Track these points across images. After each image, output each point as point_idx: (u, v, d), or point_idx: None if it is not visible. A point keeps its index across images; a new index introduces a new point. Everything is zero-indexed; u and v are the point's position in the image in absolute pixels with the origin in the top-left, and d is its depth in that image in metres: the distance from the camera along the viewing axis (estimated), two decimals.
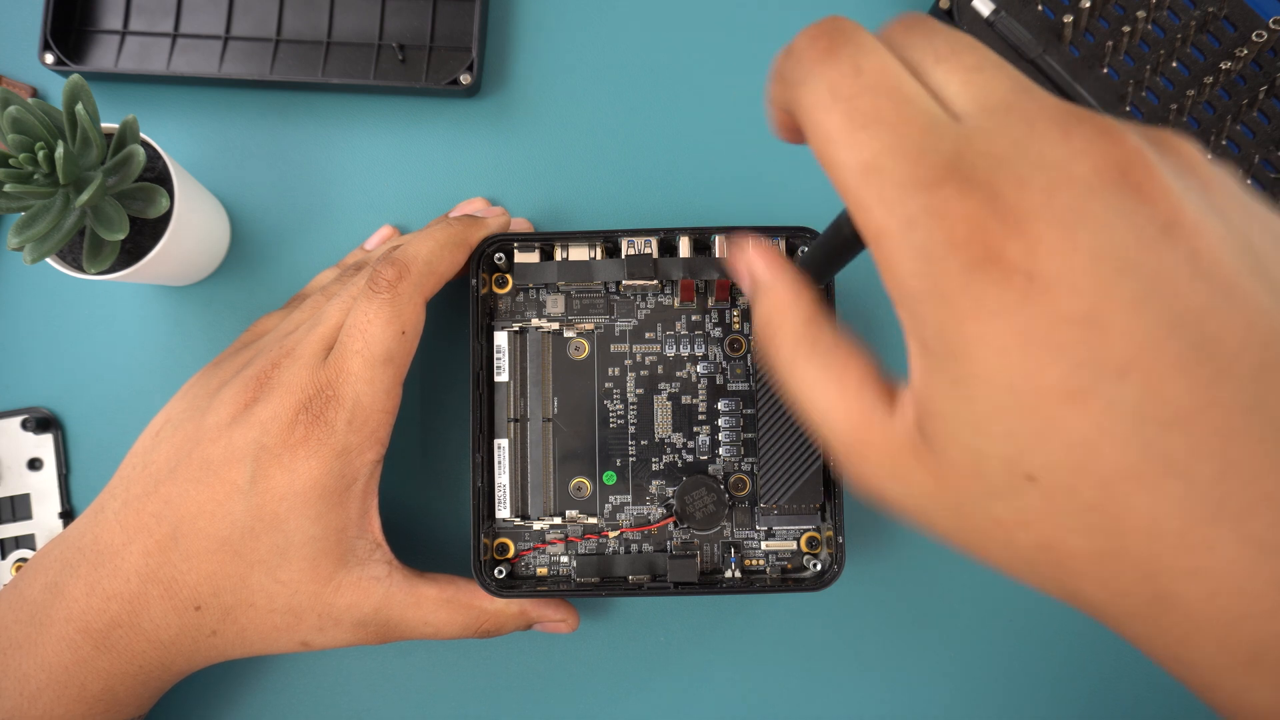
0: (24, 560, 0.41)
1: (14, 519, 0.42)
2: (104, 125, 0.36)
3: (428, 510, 0.42)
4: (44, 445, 0.42)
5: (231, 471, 0.33)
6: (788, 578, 0.39)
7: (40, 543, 0.42)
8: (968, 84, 0.20)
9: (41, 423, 0.42)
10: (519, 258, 0.39)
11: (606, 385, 0.39)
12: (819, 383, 0.23)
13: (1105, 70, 0.41)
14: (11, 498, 0.42)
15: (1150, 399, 0.17)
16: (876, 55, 0.20)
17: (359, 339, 0.34)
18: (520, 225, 0.42)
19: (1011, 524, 0.20)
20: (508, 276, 0.39)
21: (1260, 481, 0.17)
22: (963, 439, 0.19)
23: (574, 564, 0.38)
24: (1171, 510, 0.17)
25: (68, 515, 0.42)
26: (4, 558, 0.41)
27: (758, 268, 0.25)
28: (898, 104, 0.19)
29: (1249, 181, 0.40)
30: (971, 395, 0.19)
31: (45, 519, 0.42)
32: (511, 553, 0.39)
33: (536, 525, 0.39)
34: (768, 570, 0.39)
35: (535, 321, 0.39)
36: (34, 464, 0.42)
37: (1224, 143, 0.41)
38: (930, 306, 0.18)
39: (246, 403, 0.34)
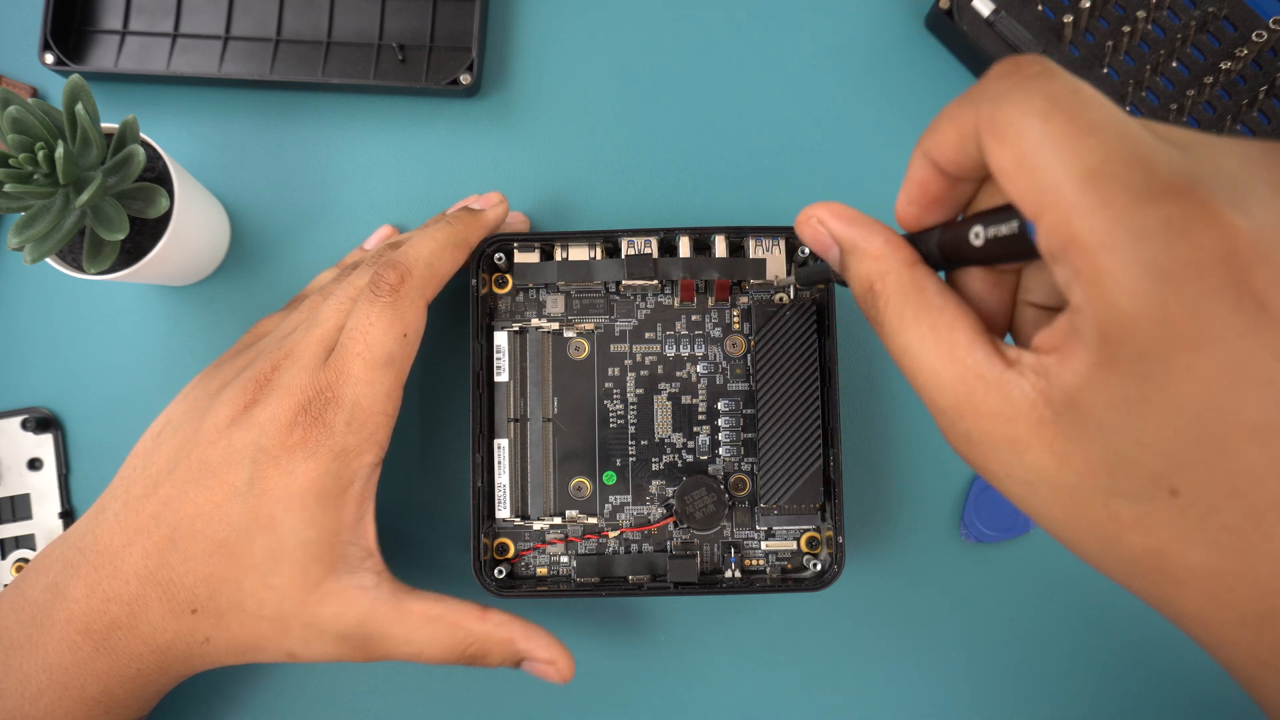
0: (24, 560, 0.41)
1: (14, 519, 0.42)
2: (104, 125, 0.36)
3: (427, 510, 0.42)
4: (44, 445, 0.42)
5: (230, 473, 0.33)
6: (788, 578, 0.39)
7: (40, 543, 0.42)
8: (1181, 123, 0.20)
9: (41, 423, 0.42)
10: (519, 258, 0.39)
11: (606, 385, 0.39)
12: (927, 338, 0.22)
13: (1105, 70, 0.41)
14: (11, 498, 0.42)
15: None
16: (1089, 85, 0.20)
17: (360, 341, 0.33)
18: (517, 220, 0.42)
19: (1129, 524, 0.20)
20: (508, 276, 0.39)
21: None
22: (1113, 442, 0.19)
23: (574, 564, 0.38)
24: None
25: (68, 515, 0.42)
26: (4, 558, 0.41)
27: (842, 230, 0.25)
28: (1123, 118, 0.19)
29: None
30: (1146, 414, 0.18)
31: (45, 519, 0.42)
32: (511, 553, 0.39)
33: (536, 525, 0.39)
34: (768, 570, 0.39)
35: (535, 321, 0.39)
36: (34, 464, 0.42)
37: None
38: (1143, 325, 0.18)
39: (246, 404, 0.34)
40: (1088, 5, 0.40)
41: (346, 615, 0.33)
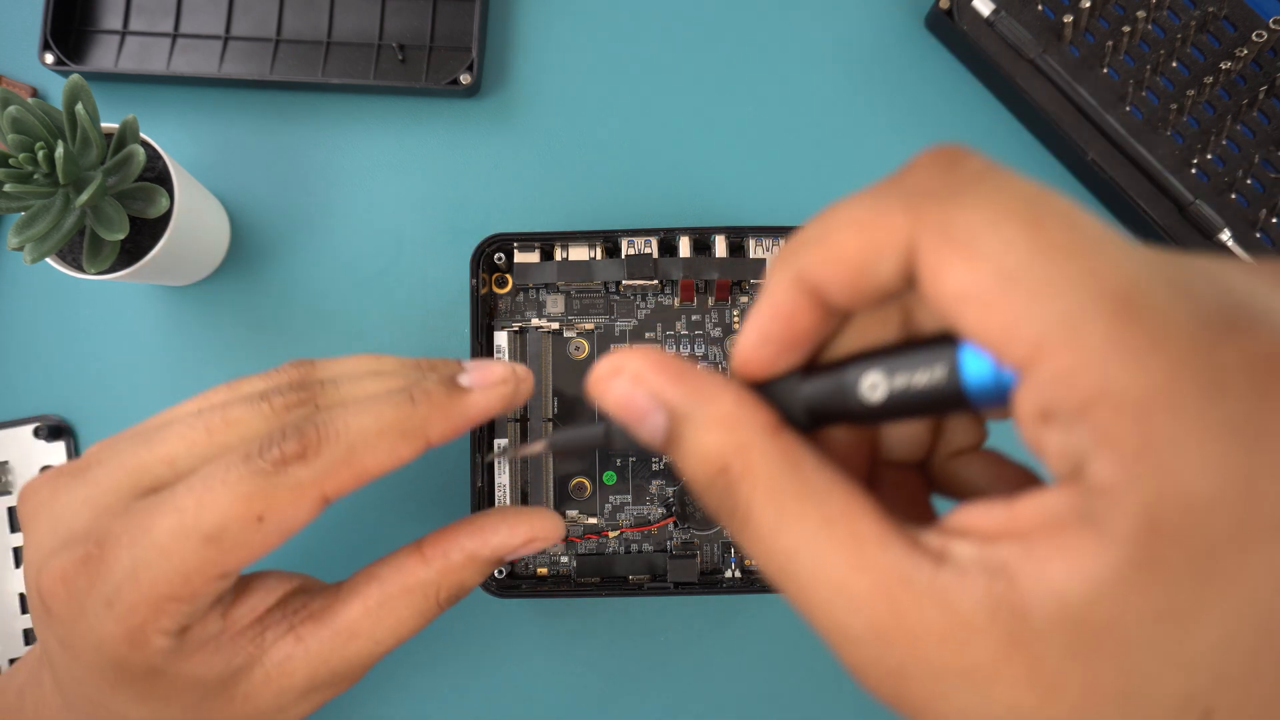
0: None
1: None
2: (104, 125, 0.36)
3: (427, 511, 0.42)
4: (56, 453, 0.42)
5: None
6: None
7: None
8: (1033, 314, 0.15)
9: (53, 430, 0.42)
10: (519, 258, 0.39)
11: None
12: (820, 537, 0.16)
13: (1105, 70, 0.41)
14: None
15: None
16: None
17: (191, 501, 0.24)
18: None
19: None
20: (508, 276, 0.39)
21: None
22: (1139, 662, 0.14)
23: (574, 564, 0.38)
24: None
25: None
26: (18, 566, 0.41)
27: (672, 389, 0.18)
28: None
29: (1249, 182, 0.40)
30: (1199, 627, 0.14)
31: None
32: None
33: None
34: None
35: (535, 321, 0.39)
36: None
37: (1224, 143, 0.41)
38: (1223, 509, 0.13)
39: None
40: (1088, 5, 0.40)
41: (293, 680, 0.27)
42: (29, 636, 0.41)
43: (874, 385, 0.16)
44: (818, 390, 0.17)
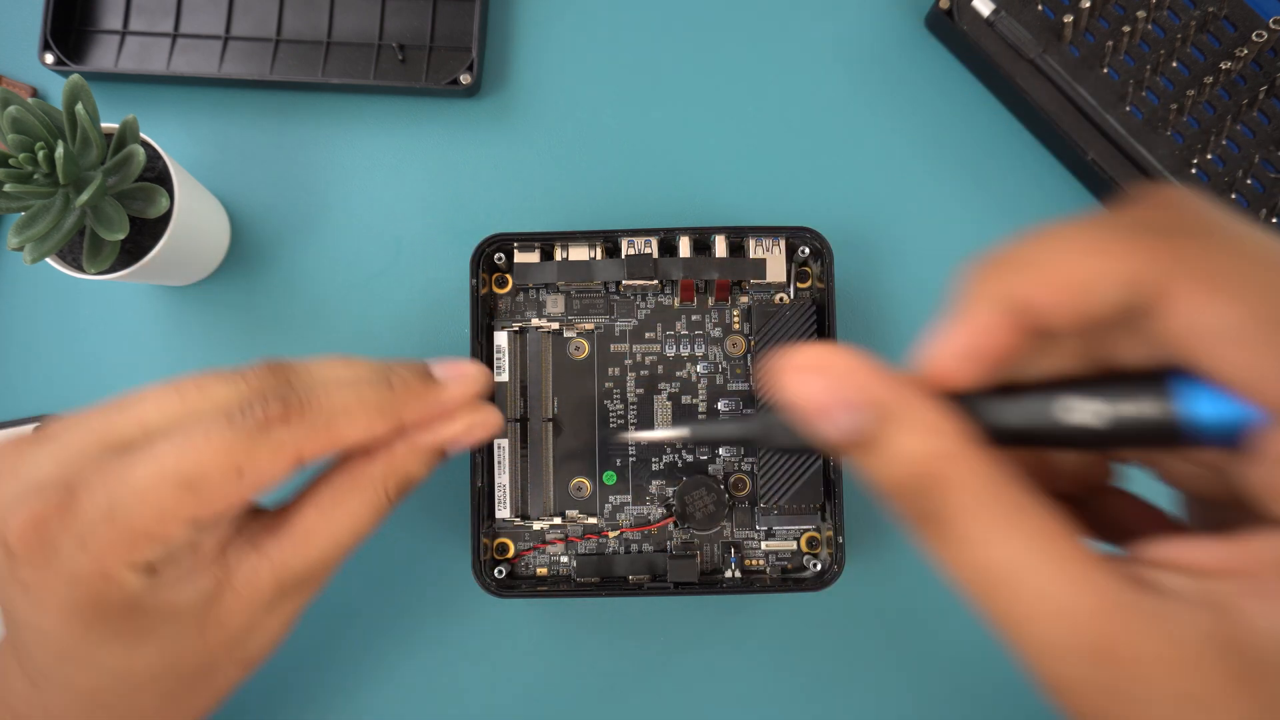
0: None
1: None
2: (104, 125, 0.36)
3: (428, 510, 0.42)
4: None
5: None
6: (788, 578, 0.39)
7: None
8: None
9: None
10: (519, 258, 0.39)
11: (606, 385, 0.39)
12: (1038, 554, 0.16)
13: (1105, 70, 0.41)
14: None
15: None
16: None
17: (171, 451, 0.25)
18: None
19: None
20: (508, 276, 0.39)
21: None
22: None
23: (574, 564, 0.38)
24: None
25: None
26: None
27: (879, 389, 0.18)
28: None
29: (1249, 182, 0.40)
30: None
31: None
32: (511, 553, 0.39)
33: (536, 525, 0.39)
34: (768, 570, 0.39)
35: (535, 321, 0.39)
36: None
37: (1224, 143, 0.41)
38: None
39: None
40: (1088, 5, 0.40)
41: (261, 591, 0.28)
42: None
43: (1096, 412, 0.16)
44: (1021, 411, 0.17)
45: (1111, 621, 0.15)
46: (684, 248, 0.38)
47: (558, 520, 0.39)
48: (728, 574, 0.38)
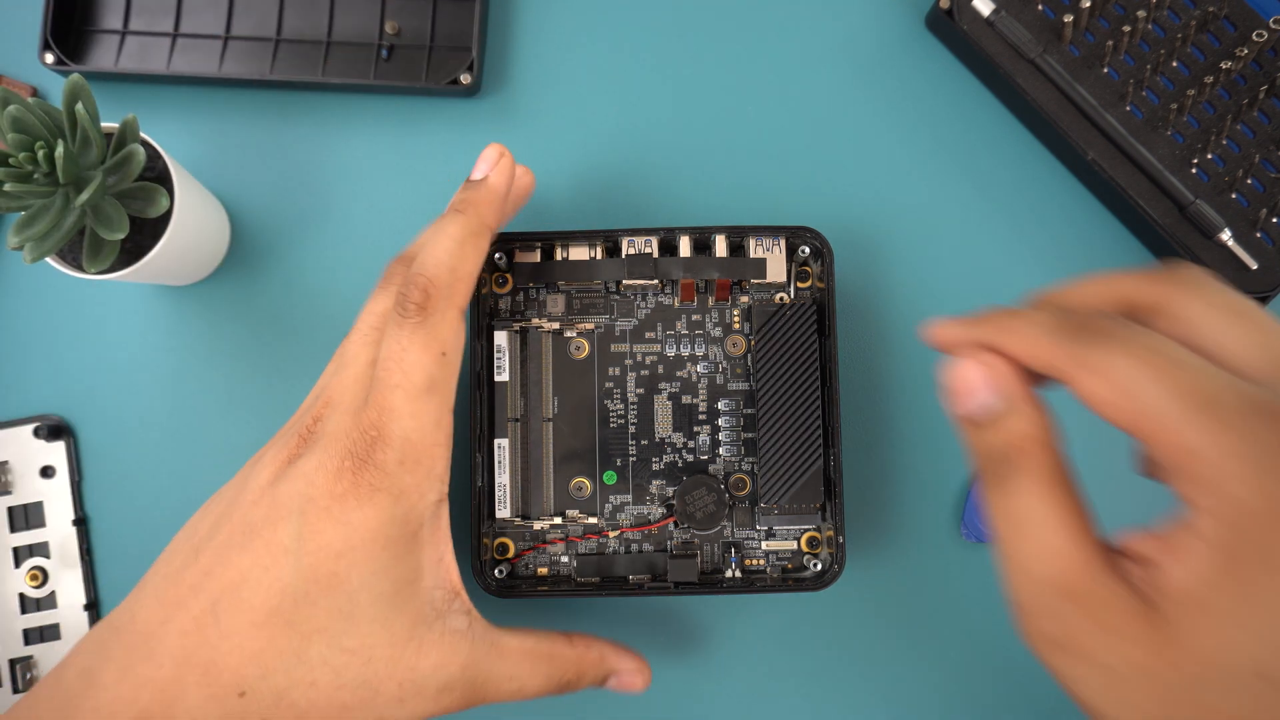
0: (39, 569, 0.41)
1: (28, 527, 0.42)
2: (104, 125, 0.36)
3: None
4: (56, 452, 0.42)
5: (275, 531, 0.29)
6: (788, 578, 0.39)
7: (54, 551, 0.41)
8: (1265, 346, 0.22)
9: (53, 430, 0.42)
10: (519, 257, 0.39)
11: (607, 385, 0.39)
12: (1055, 515, 0.23)
13: (1105, 70, 0.41)
14: (25, 505, 0.42)
15: None
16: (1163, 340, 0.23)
17: (397, 371, 0.30)
18: (522, 178, 0.38)
19: (1215, 712, 0.21)
20: (508, 276, 0.39)
21: None
22: (1224, 636, 0.20)
23: (574, 564, 0.38)
24: None
25: (81, 523, 0.42)
26: (18, 566, 0.41)
27: (1015, 386, 0.25)
28: (1205, 368, 0.22)
29: (1249, 181, 0.40)
30: (1263, 605, 0.20)
31: (58, 527, 0.42)
32: (512, 552, 0.39)
33: (537, 525, 0.39)
34: (768, 570, 0.39)
35: (535, 321, 0.39)
36: (46, 471, 0.42)
37: (1224, 142, 0.41)
38: (1263, 521, 0.20)
39: (289, 459, 0.31)
40: (1088, 5, 0.40)
41: (450, 664, 0.31)
42: (29, 636, 0.41)
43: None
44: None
45: (1081, 567, 0.22)
46: (684, 247, 0.38)
47: (558, 520, 0.39)
48: (728, 574, 0.38)
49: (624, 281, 0.39)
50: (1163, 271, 0.24)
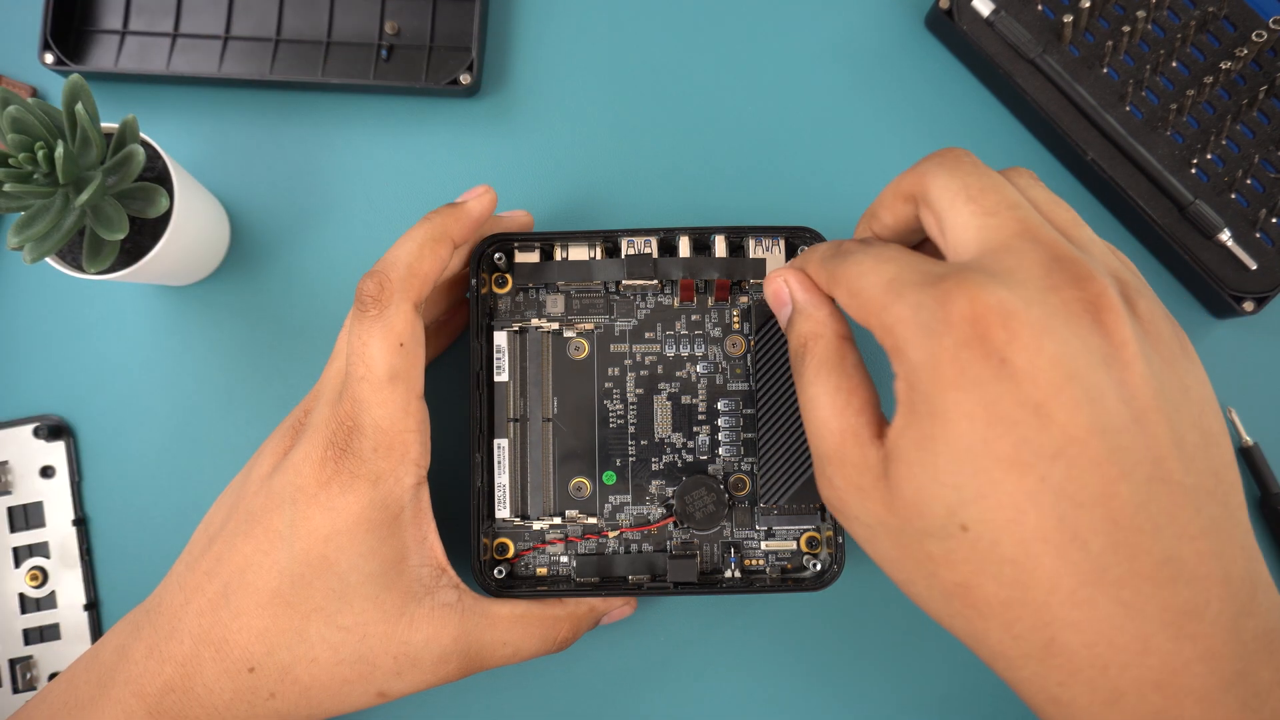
0: (39, 569, 0.41)
1: (28, 527, 0.42)
2: (104, 125, 0.36)
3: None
4: (55, 452, 0.42)
5: (272, 519, 0.32)
6: (788, 578, 0.39)
7: (54, 551, 0.41)
8: (982, 228, 0.25)
9: (53, 430, 0.42)
10: (519, 258, 0.39)
11: (606, 385, 0.39)
12: (828, 395, 0.27)
13: (1105, 70, 0.41)
14: (25, 506, 0.42)
15: (1071, 481, 0.22)
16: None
17: (360, 364, 0.33)
18: (519, 218, 0.40)
19: (940, 561, 0.24)
20: (508, 276, 0.39)
21: (1136, 559, 0.22)
22: (917, 482, 0.24)
23: (574, 564, 0.38)
24: (1068, 571, 0.22)
25: (81, 523, 0.42)
26: (18, 566, 0.41)
27: (800, 295, 0.30)
28: (903, 259, 0.26)
29: (1249, 182, 0.40)
30: (936, 450, 0.23)
31: (58, 526, 0.42)
32: (511, 553, 0.39)
33: (536, 525, 0.39)
34: (768, 570, 0.39)
35: (535, 321, 0.39)
36: (46, 471, 0.42)
37: (1224, 142, 0.41)
38: (923, 373, 0.23)
39: (284, 450, 0.34)
40: (1088, 5, 0.40)
41: (442, 636, 0.33)
42: (29, 636, 0.41)
43: None
44: None
45: (842, 438, 0.27)
46: (684, 248, 0.38)
47: (557, 520, 0.39)
48: (728, 574, 0.38)
49: (623, 282, 0.39)
50: (924, 160, 0.27)
